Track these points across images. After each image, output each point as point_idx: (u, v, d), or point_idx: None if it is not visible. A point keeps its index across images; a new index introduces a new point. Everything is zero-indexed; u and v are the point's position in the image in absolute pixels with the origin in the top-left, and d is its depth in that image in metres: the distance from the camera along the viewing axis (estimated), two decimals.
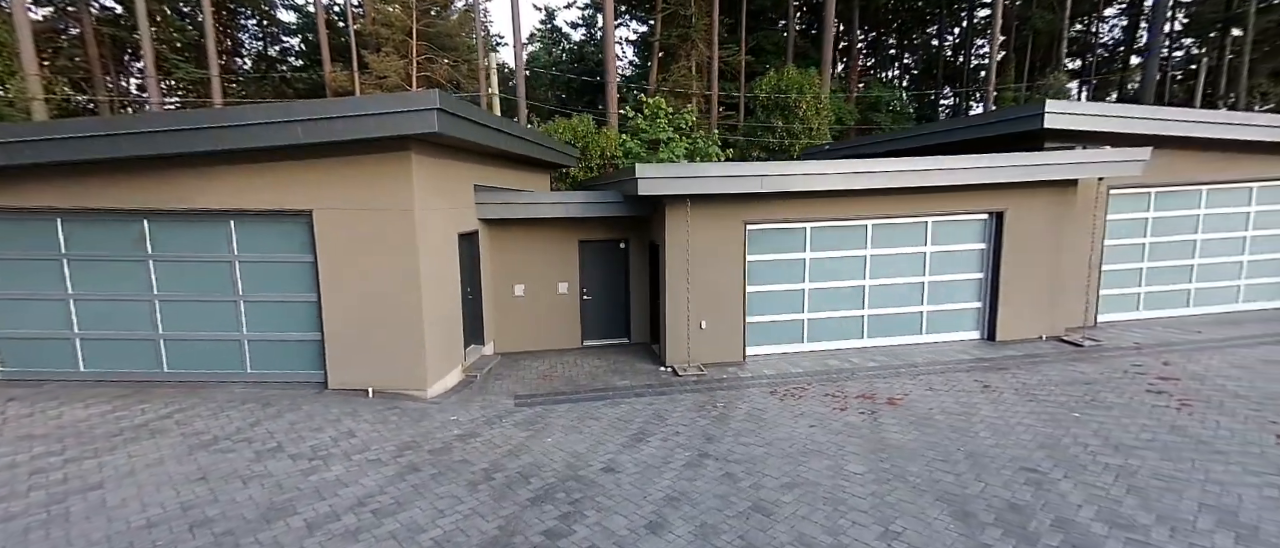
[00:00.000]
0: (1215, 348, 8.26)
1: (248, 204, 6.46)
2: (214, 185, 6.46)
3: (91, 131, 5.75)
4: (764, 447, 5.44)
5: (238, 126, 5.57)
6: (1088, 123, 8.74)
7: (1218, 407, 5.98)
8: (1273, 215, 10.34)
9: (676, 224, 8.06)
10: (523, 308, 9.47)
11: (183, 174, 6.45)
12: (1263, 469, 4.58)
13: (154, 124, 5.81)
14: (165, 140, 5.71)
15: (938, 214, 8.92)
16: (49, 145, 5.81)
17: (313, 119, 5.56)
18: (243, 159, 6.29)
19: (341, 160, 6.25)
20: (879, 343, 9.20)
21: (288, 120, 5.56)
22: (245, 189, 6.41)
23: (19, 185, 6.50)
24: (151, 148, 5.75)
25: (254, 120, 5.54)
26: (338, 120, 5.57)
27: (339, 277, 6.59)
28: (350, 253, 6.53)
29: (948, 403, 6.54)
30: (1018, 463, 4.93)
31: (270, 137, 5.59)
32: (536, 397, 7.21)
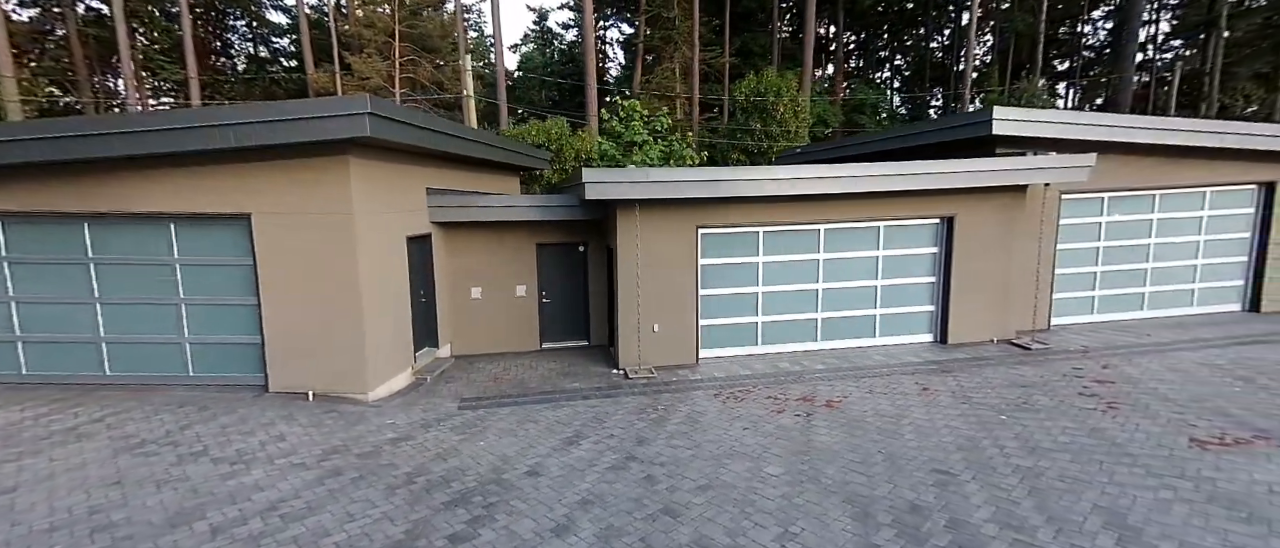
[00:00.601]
0: (1158, 351, 8.39)
1: (187, 207, 6.48)
2: (154, 189, 6.47)
3: (11, 136, 5.75)
4: (692, 450, 5.50)
5: (165, 131, 5.60)
6: (1035, 129, 8.86)
7: (1143, 410, 6.09)
8: (1226, 220, 10.49)
9: (627, 228, 8.13)
10: (480, 311, 9.50)
11: (124, 177, 6.46)
12: (1165, 472, 4.68)
13: (75, 128, 5.83)
14: (85, 145, 5.72)
15: (889, 219, 9.03)
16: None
17: (243, 123, 5.59)
18: (182, 163, 6.30)
19: (279, 164, 6.28)
20: (833, 346, 9.29)
21: (217, 125, 5.58)
22: (185, 193, 6.43)
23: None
24: (62, 153, 5.75)
25: (183, 124, 5.56)
26: (267, 125, 5.60)
27: (278, 280, 6.61)
28: (289, 256, 6.55)
29: (883, 406, 6.62)
30: (932, 465, 5.01)
31: (198, 141, 5.62)
32: (482, 400, 7.25)
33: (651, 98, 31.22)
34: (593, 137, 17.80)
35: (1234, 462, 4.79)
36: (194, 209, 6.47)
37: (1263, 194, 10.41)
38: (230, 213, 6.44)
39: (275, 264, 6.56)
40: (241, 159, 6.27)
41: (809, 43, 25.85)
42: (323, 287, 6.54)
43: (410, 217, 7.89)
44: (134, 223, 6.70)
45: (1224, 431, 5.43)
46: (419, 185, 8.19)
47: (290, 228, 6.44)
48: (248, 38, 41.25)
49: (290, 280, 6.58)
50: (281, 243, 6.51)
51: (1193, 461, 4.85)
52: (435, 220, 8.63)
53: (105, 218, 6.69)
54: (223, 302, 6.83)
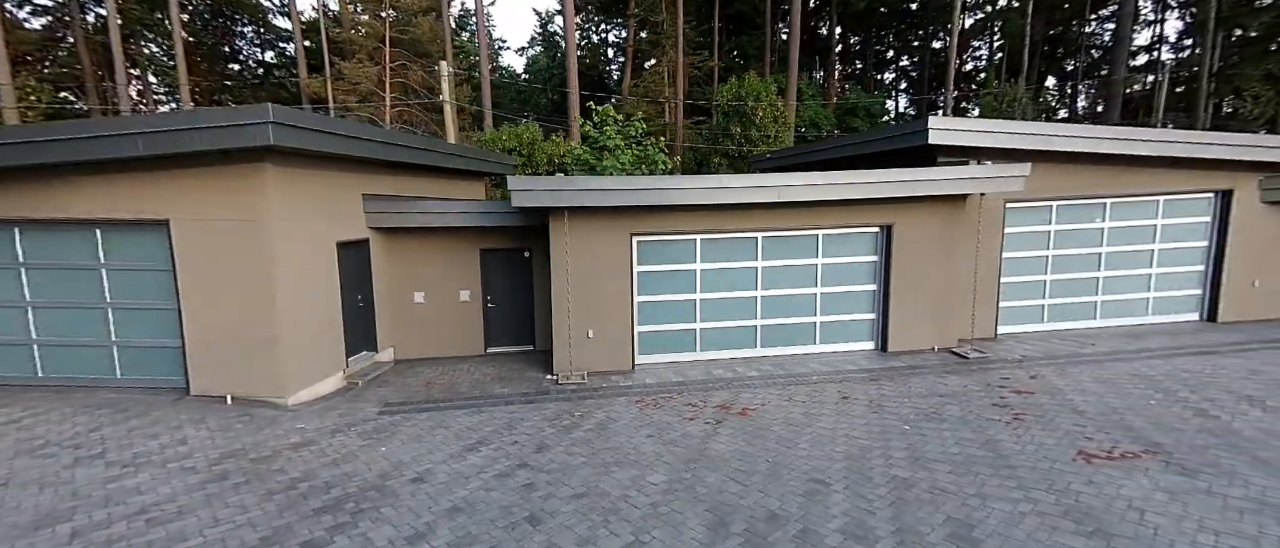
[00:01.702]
0: (1095, 362, 8.32)
1: (110, 214, 6.64)
2: (80, 195, 6.64)
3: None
4: (586, 457, 5.55)
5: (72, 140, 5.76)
6: (971, 138, 8.85)
7: (1047, 422, 6.07)
8: (1180, 228, 10.38)
9: (558, 235, 8.20)
10: (423, 315, 9.61)
11: (52, 184, 6.64)
12: (1035, 485, 4.67)
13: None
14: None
15: (828, 227, 9.04)
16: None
17: (150, 132, 5.73)
18: (103, 170, 6.47)
19: (197, 172, 6.42)
20: (773, 353, 9.30)
21: (125, 133, 5.73)
22: (108, 199, 6.59)
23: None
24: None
25: (91, 133, 5.72)
26: (174, 133, 5.74)
27: (197, 285, 6.75)
28: (207, 262, 6.69)
29: (795, 414, 6.64)
30: (812, 475, 5.03)
31: (107, 149, 5.77)
32: (406, 404, 7.34)
33: (641, 101, 31.43)
34: (561, 142, 17.88)
35: (1110, 476, 4.77)
36: (116, 215, 6.63)
37: (1219, 202, 10.30)
38: (150, 219, 6.60)
39: (194, 269, 6.70)
40: (161, 167, 6.42)
41: (794, 46, 25.83)
42: (240, 292, 6.67)
43: (344, 223, 8.01)
44: (63, 229, 6.87)
45: (1117, 444, 5.41)
46: (355, 192, 8.31)
47: (208, 234, 6.59)
48: (255, 43, 41.99)
49: (208, 285, 6.73)
50: (199, 248, 6.65)
51: (1070, 474, 4.84)
52: (373, 226, 8.75)
53: (36, 224, 6.87)
54: (146, 306, 6.99)
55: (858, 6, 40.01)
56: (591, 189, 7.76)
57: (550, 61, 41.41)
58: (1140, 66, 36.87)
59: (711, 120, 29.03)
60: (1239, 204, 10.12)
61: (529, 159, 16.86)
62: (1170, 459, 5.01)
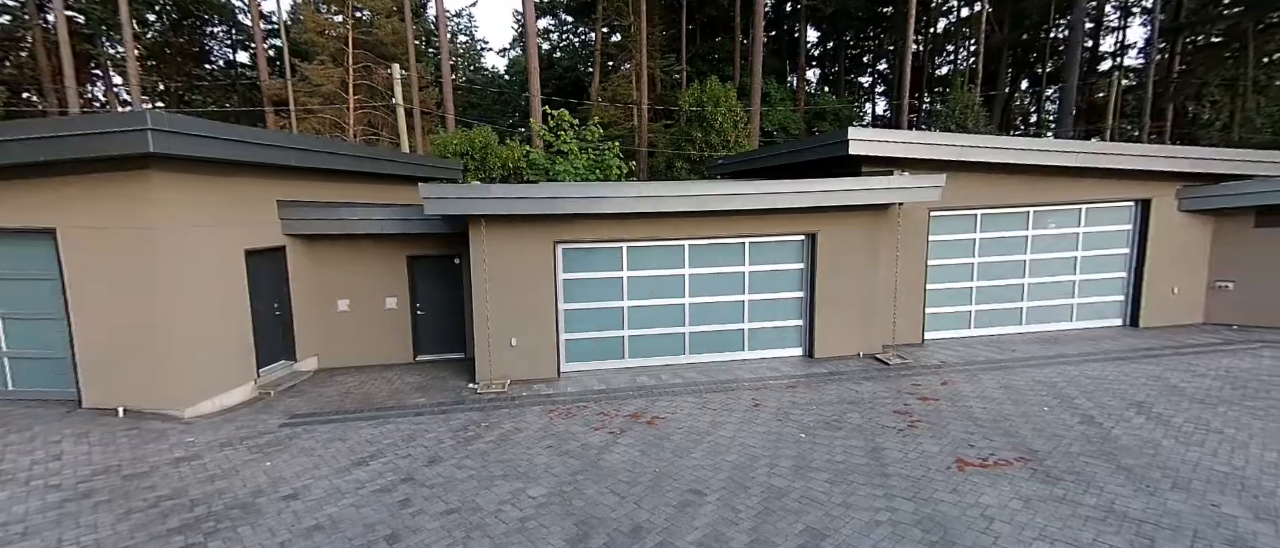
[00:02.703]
0: (1007, 368, 8.50)
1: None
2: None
3: None
4: (474, 471, 5.50)
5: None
6: (892, 149, 9.00)
7: (939, 429, 6.17)
8: (1102, 236, 10.66)
9: (477, 243, 8.13)
10: (349, 323, 9.46)
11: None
12: (901, 494, 4.74)
13: None
14: None
15: (755, 235, 9.10)
16: None
17: (26, 140, 5.56)
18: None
19: (83, 179, 6.25)
20: (702, 360, 9.33)
21: None
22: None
23: None
24: None
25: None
26: (49, 141, 5.57)
27: (86, 294, 6.57)
28: (95, 271, 6.51)
29: (702, 423, 6.66)
30: (692, 486, 5.04)
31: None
32: (313, 416, 7.21)
33: (610, 105, 31.44)
34: (520, 147, 17.81)
35: (976, 484, 4.87)
36: (1, 224, 6.41)
37: (1139, 211, 10.61)
38: (36, 227, 6.40)
39: (82, 279, 6.52)
40: (46, 174, 6.23)
41: (757, 51, 26.06)
42: (131, 301, 6.49)
43: (253, 229, 7.85)
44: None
45: (995, 452, 5.52)
46: (268, 198, 8.16)
47: (95, 242, 6.40)
48: (227, 44, 41.19)
49: (97, 295, 6.54)
50: (87, 257, 6.47)
51: (939, 483, 4.92)
52: (290, 233, 8.60)
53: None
54: (36, 316, 6.78)
55: (825, 12, 40.59)
56: (505, 196, 7.72)
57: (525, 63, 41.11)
58: (1106, 71, 37.98)
59: (677, 125, 29.17)
60: (1157, 213, 10.43)
61: (482, 164, 16.74)
62: (1039, 467, 5.12)
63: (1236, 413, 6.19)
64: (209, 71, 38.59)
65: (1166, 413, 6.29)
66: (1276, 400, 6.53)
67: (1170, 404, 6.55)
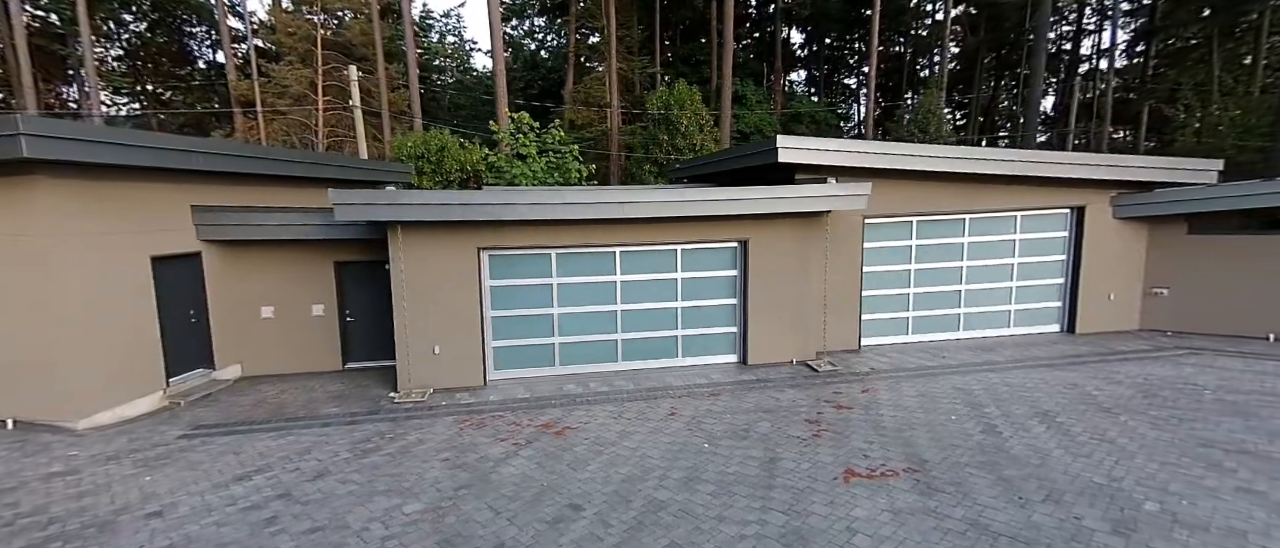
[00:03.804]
0: (933, 375, 8.51)
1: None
2: None
3: None
4: (359, 485, 5.36)
5: None
6: (818, 157, 8.99)
7: (841, 438, 6.14)
8: (1038, 243, 10.74)
9: (394, 249, 8.00)
10: (274, 330, 9.27)
11: None
12: (778, 507, 4.69)
13: None
14: None
15: (686, 242, 9.05)
16: None
17: None
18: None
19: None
20: (634, 367, 9.26)
21: None
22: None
23: None
24: None
25: None
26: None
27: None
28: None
29: (610, 433, 6.57)
30: (573, 500, 4.95)
31: None
32: (217, 427, 7.03)
33: (583, 106, 31.34)
34: (476, 149, 17.66)
35: (856, 496, 4.83)
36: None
37: (1074, 218, 10.70)
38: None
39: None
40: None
41: (727, 54, 26.14)
42: (17, 310, 6.29)
43: (161, 236, 7.66)
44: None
45: (887, 462, 5.49)
46: (181, 203, 7.96)
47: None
48: (208, 44, 40.56)
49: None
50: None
51: (820, 495, 4.88)
52: (206, 238, 8.40)
53: None
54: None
55: (803, 14, 40.82)
56: (420, 203, 7.60)
57: (519, 64, 40.91)
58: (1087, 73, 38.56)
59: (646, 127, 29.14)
60: (1091, 221, 10.53)
61: (438, 166, 16.56)
62: (923, 478, 5.10)
63: (1136, 422, 6.23)
64: (188, 72, 37.97)
65: (1068, 422, 6.30)
66: (1180, 410, 6.58)
67: (1075, 413, 6.57)
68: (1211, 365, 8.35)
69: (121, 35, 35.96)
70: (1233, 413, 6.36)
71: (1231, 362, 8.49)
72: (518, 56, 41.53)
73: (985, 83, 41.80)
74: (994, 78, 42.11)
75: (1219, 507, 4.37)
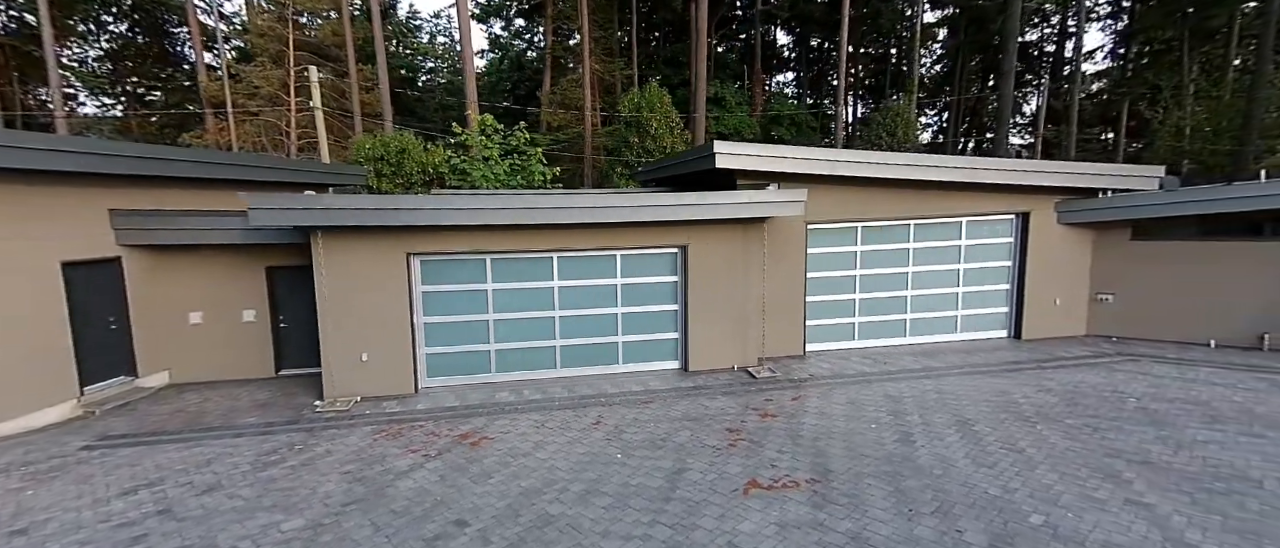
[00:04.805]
0: (868, 381, 8.46)
1: None
2: None
3: None
4: (246, 501, 5.19)
5: None
6: (755, 162, 8.96)
7: (755, 448, 6.05)
8: (984, 249, 10.74)
9: (317, 254, 7.82)
10: (203, 337, 9.05)
11: None
12: (665, 521, 4.58)
13: None
14: None
15: (626, 248, 8.94)
16: None
17: None
18: None
19: None
20: (574, 373, 9.13)
21: None
22: None
23: None
24: None
25: None
26: None
27: None
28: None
29: (526, 444, 6.44)
30: (462, 516, 4.82)
31: None
32: (126, 438, 6.83)
33: (560, 108, 31.19)
34: (439, 151, 17.47)
35: (749, 509, 4.74)
36: None
37: (1020, 224, 10.71)
38: None
39: None
40: None
41: (701, 56, 26.13)
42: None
43: (73, 240, 7.45)
44: None
45: (793, 473, 5.41)
46: (97, 207, 7.75)
47: None
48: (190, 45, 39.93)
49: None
50: None
51: (714, 507, 4.78)
52: (126, 243, 8.18)
53: None
54: None
55: (783, 15, 40.88)
56: (340, 207, 7.45)
57: (505, 65, 40.63)
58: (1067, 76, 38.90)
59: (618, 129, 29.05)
60: (1036, 226, 10.55)
61: (398, 169, 16.36)
62: (821, 490, 5.02)
63: (1051, 432, 6.19)
64: (170, 73, 37.42)
65: (984, 431, 6.26)
66: (1098, 418, 6.56)
67: (994, 422, 6.53)
68: (1145, 373, 8.36)
69: (101, 36, 35.44)
70: (1149, 422, 6.35)
71: (1165, 369, 8.52)
72: (505, 57, 41.28)
73: (971, 84, 42.10)
74: (980, 79, 42.34)
75: (1102, 520, 4.32)
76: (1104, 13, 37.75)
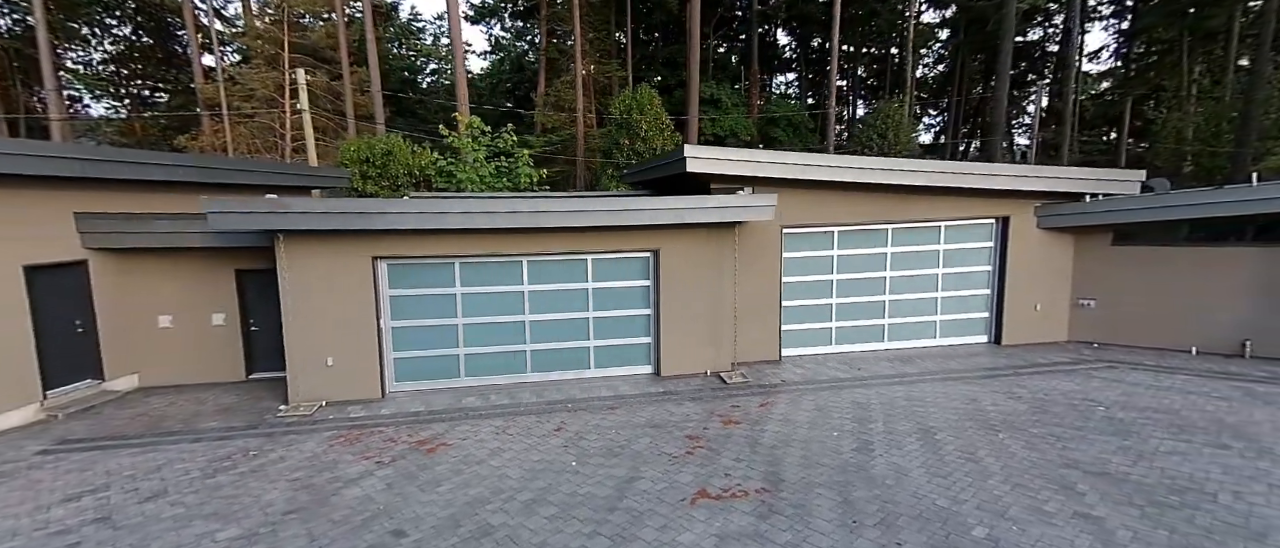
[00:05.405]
0: (841, 388, 8.36)
1: None
2: None
3: None
4: (187, 509, 5.13)
5: None
6: (726, 167, 8.90)
7: (713, 457, 5.97)
8: (963, 254, 10.61)
9: (280, 258, 7.78)
10: (172, 340, 9.01)
11: None
12: (609, 532, 4.51)
13: None
14: None
15: (597, 251, 8.88)
16: None
17: None
18: None
19: None
20: (544, 378, 9.06)
21: None
22: None
23: None
24: None
25: None
26: None
27: None
28: None
29: (482, 451, 6.37)
30: (401, 526, 4.75)
31: None
32: (82, 442, 6.79)
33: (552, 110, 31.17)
34: (425, 153, 17.47)
35: (693, 520, 4.66)
36: None
37: (1000, 228, 10.59)
38: None
39: None
40: None
41: (694, 55, 26.06)
42: None
43: (36, 244, 7.43)
44: None
45: (745, 481, 5.33)
46: (61, 210, 7.73)
47: None
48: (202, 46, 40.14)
49: None
50: None
51: (658, 518, 4.71)
52: (92, 246, 8.16)
53: None
54: None
55: (780, 16, 40.80)
56: (301, 211, 7.40)
57: (506, 66, 40.66)
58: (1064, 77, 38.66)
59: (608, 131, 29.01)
60: (1016, 231, 10.42)
61: (383, 171, 16.35)
62: (769, 500, 4.94)
63: (1012, 441, 6.09)
64: (175, 75, 37.62)
65: (945, 440, 6.16)
66: (1063, 427, 6.45)
67: (957, 431, 6.43)
68: (1120, 380, 8.24)
69: (104, 39, 35.69)
70: (1114, 432, 6.24)
71: (1141, 376, 8.40)
72: (506, 58, 41.30)
73: (975, 85, 41.92)
74: (982, 80, 42.11)
75: (1046, 534, 4.22)
76: (1108, 12, 37.55)
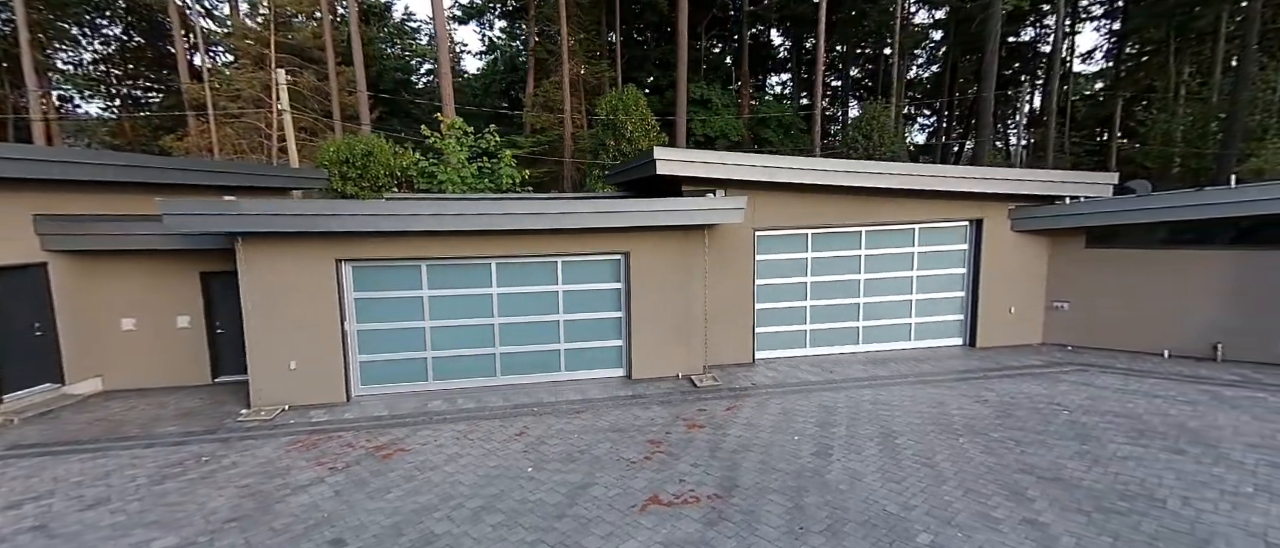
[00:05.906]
0: (809, 391, 8.32)
1: None
2: None
3: None
4: (128, 517, 5.03)
5: None
6: (696, 169, 8.86)
7: (672, 462, 5.91)
8: (937, 256, 10.60)
9: (240, 260, 7.67)
10: (136, 343, 8.89)
11: None
12: (552, 540, 4.44)
13: None
14: None
15: (566, 254, 8.81)
16: None
17: None
18: None
19: None
20: (514, 381, 8.99)
21: None
22: None
23: None
24: None
25: None
26: None
27: None
28: None
29: (439, 457, 6.29)
30: (342, 535, 4.66)
31: None
32: (34, 448, 6.67)
33: (540, 111, 31.08)
34: (408, 153, 17.35)
35: (640, 526, 4.60)
36: None
37: (974, 231, 10.58)
38: None
39: None
40: None
41: (681, 55, 26.05)
42: None
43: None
44: None
45: (698, 487, 5.28)
46: (18, 211, 7.62)
47: None
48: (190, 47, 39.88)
49: None
50: None
51: (604, 526, 4.65)
52: (52, 248, 8.03)
53: None
54: None
55: (772, 16, 40.82)
56: (258, 213, 7.30)
57: (500, 66, 40.51)
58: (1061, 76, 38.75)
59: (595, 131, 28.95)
60: (990, 234, 10.41)
61: (363, 172, 16.21)
62: (720, 506, 4.88)
63: (972, 446, 6.06)
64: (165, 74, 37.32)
65: (905, 445, 6.12)
66: (1025, 432, 6.42)
67: (918, 435, 6.40)
68: (1089, 384, 8.23)
69: (94, 39, 35.39)
70: (1075, 437, 6.22)
71: (1110, 379, 8.39)
72: (500, 59, 41.15)
73: (968, 86, 42.01)
74: (974, 81, 42.19)
75: (991, 540, 4.18)
76: (1099, 13, 37.77)
